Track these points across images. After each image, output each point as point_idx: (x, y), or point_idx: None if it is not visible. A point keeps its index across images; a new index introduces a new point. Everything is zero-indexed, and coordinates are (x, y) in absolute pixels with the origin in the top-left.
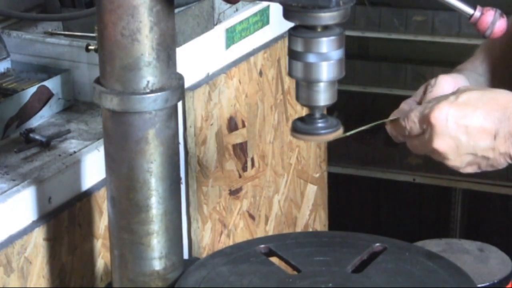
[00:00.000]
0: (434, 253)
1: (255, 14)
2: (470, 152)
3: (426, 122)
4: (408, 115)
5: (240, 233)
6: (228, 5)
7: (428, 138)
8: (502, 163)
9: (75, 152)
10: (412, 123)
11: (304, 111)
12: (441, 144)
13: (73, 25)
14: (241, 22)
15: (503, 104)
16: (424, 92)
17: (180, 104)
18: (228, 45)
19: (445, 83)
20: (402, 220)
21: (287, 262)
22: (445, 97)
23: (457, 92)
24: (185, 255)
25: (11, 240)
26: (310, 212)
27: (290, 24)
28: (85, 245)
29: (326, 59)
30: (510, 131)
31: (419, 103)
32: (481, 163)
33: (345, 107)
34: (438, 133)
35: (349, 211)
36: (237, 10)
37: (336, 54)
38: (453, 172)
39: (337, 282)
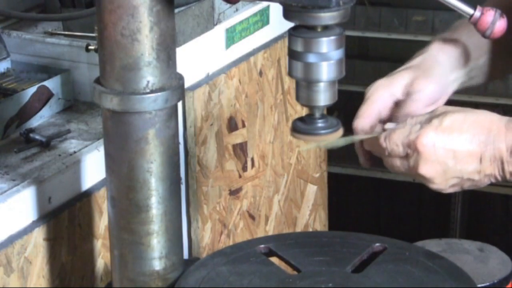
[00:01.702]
0: (434, 253)
1: (255, 14)
2: (457, 175)
3: (412, 148)
4: (390, 136)
5: (240, 233)
6: (228, 5)
7: (414, 164)
8: (485, 183)
9: (75, 152)
10: (395, 146)
11: (304, 111)
12: (428, 170)
13: (73, 25)
14: (241, 22)
15: (487, 127)
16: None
17: (180, 104)
18: (228, 45)
19: (429, 93)
20: (402, 220)
21: (287, 262)
22: (426, 120)
23: (438, 115)
24: (185, 255)
25: (11, 240)
26: (310, 212)
27: (290, 24)
28: (85, 245)
29: (326, 59)
30: (495, 154)
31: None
32: (465, 184)
33: (345, 107)
34: (426, 160)
35: (349, 211)
36: (237, 10)
37: (336, 54)
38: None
39: (337, 282)
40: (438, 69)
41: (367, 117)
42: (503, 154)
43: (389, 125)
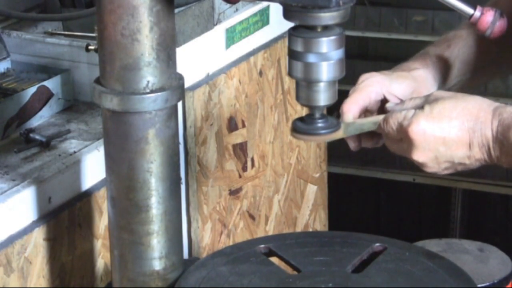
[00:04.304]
0: (434, 253)
1: (255, 14)
2: (448, 160)
3: (404, 134)
4: (387, 120)
5: (240, 233)
6: (228, 5)
7: (407, 149)
8: (477, 165)
9: (75, 152)
10: (391, 129)
11: (304, 111)
12: (420, 156)
13: (73, 25)
14: (241, 22)
15: (475, 114)
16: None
17: (180, 104)
18: (228, 45)
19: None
20: (402, 220)
21: (287, 262)
22: (420, 105)
23: (431, 101)
24: (185, 255)
25: (11, 240)
26: (310, 212)
27: (290, 24)
28: (85, 245)
29: (326, 59)
30: (483, 141)
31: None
32: (458, 167)
33: None
34: (417, 146)
35: (349, 211)
36: (237, 10)
37: (336, 54)
38: (453, 172)
39: (337, 282)
40: (432, 82)
41: (356, 104)
42: (489, 140)
43: (389, 105)
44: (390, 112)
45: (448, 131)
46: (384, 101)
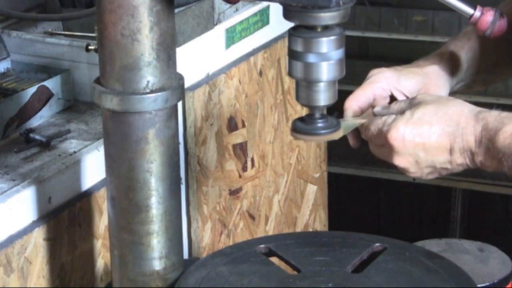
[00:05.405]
0: (434, 253)
1: (255, 14)
2: (429, 165)
3: (384, 140)
4: (368, 126)
5: (240, 233)
6: (228, 5)
7: (388, 154)
8: (460, 169)
9: (75, 152)
10: (371, 135)
11: (304, 111)
12: (401, 161)
13: (73, 25)
14: (241, 22)
15: (456, 120)
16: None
17: (180, 104)
18: (228, 45)
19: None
20: (402, 220)
21: (287, 262)
22: (403, 109)
23: (413, 105)
24: (185, 255)
25: (11, 240)
26: (310, 212)
27: (290, 24)
28: (85, 245)
29: (326, 59)
30: (464, 146)
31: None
32: (442, 172)
33: None
34: (397, 152)
35: (349, 211)
36: (237, 10)
37: (336, 54)
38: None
39: (337, 282)
40: (446, 78)
41: (357, 101)
42: (472, 145)
43: (376, 109)
44: (372, 118)
45: (428, 136)
46: (392, 97)
